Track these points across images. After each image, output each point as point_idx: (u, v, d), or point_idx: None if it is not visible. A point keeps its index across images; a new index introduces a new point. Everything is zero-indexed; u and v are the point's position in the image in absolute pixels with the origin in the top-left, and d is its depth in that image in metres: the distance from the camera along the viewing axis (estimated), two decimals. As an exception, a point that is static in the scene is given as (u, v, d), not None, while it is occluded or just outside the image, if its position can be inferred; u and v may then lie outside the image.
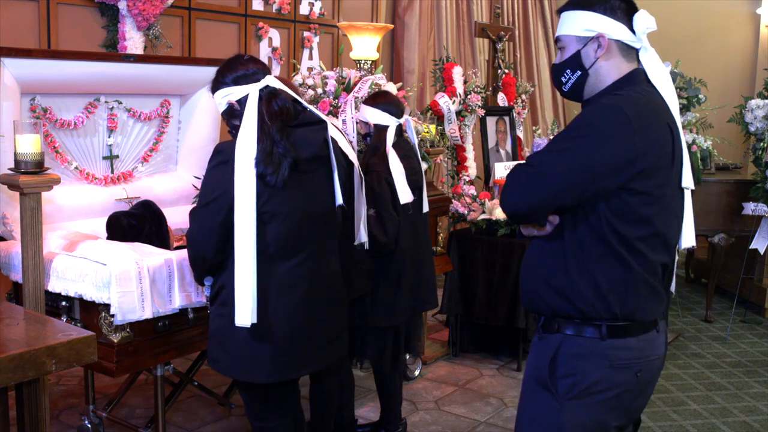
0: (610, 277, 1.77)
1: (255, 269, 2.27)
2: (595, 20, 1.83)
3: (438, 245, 4.35)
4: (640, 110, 1.74)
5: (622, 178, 1.71)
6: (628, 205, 1.73)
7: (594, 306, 1.78)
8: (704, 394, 4.11)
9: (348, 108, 3.47)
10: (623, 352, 1.80)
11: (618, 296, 1.77)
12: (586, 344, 1.81)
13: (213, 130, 3.65)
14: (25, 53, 2.86)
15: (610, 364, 1.79)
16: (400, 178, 3.12)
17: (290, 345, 2.39)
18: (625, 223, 1.74)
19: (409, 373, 4.12)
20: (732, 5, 7.96)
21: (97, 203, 3.27)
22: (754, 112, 5.10)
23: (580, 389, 1.80)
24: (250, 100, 2.32)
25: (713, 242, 5.42)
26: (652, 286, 1.81)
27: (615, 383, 1.80)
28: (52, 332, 1.95)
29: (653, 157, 1.73)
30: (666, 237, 1.81)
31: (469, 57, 7.12)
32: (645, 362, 1.83)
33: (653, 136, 1.74)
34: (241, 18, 5.26)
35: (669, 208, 1.81)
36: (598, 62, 1.84)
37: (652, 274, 1.80)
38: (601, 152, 1.71)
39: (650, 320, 1.84)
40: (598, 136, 1.73)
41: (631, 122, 1.71)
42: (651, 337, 1.85)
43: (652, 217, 1.76)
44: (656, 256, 1.80)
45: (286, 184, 2.30)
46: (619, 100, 1.76)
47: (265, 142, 2.28)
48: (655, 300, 1.83)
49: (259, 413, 2.55)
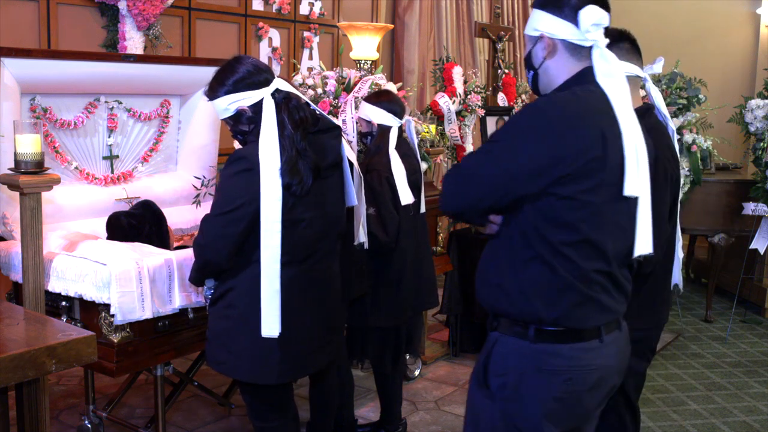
0: (538, 281, 1.72)
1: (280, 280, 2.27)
2: (541, 19, 1.78)
3: (438, 245, 4.35)
4: (567, 113, 1.68)
5: (543, 182, 1.66)
6: (554, 209, 1.68)
7: (521, 308, 1.74)
8: (704, 394, 4.11)
9: (348, 108, 3.47)
10: (552, 358, 1.74)
11: (543, 301, 1.72)
12: (516, 345, 1.77)
13: (213, 130, 3.65)
14: (25, 53, 2.86)
15: (537, 367, 1.74)
16: (402, 180, 3.12)
17: (295, 347, 2.40)
18: (551, 227, 1.69)
19: (409, 373, 4.12)
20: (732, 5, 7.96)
21: (97, 203, 3.27)
22: (754, 112, 5.10)
23: (511, 390, 1.76)
24: (266, 105, 2.29)
25: (713, 242, 5.41)
26: (585, 294, 1.72)
27: (542, 388, 1.74)
28: (52, 332, 1.95)
29: (577, 161, 1.65)
30: (598, 244, 1.71)
31: (469, 57, 7.12)
32: (577, 371, 1.74)
33: (578, 140, 1.66)
34: (241, 18, 5.26)
35: (601, 215, 1.70)
36: (546, 62, 1.80)
37: (584, 282, 1.71)
38: (523, 156, 1.67)
39: (586, 328, 1.75)
40: (521, 138, 1.69)
41: (553, 126, 1.66)
42: (590, 347, 1.75)
43: (578, 222, 1.68)
44: (587, 263, 1.71)
45: (308, 191, 2.31)
46: (546, 102, 1.72)
47: (290, 152, 2.26)
48: (591, 308, 1.73)
49: (261, 414, 2.55)
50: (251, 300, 2.31)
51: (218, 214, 2.29)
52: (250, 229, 2.28)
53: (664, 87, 5.18)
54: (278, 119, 2.29)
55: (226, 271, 2.37)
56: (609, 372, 1.81)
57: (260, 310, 2.30)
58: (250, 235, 2.29)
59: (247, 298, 2.33)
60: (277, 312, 2.29)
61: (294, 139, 2.28)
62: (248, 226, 2.27)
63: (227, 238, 2.28)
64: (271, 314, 2.28)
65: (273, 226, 2.24)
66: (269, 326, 2.29)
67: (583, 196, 1.67)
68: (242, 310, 2.34)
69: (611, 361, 1.81)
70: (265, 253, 2.26)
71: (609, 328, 1.79)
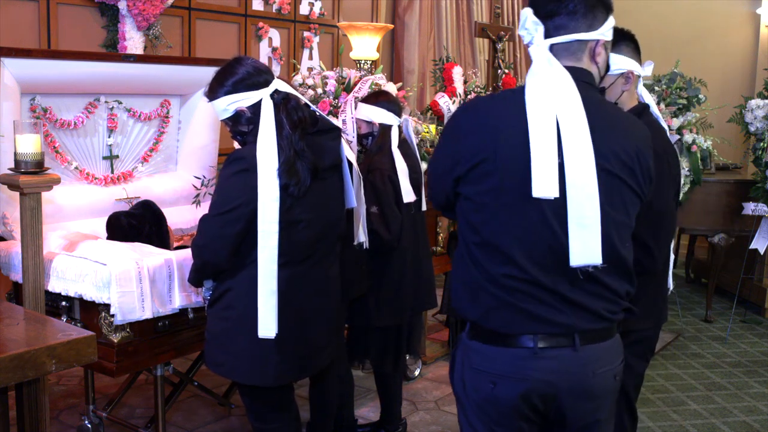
0: (462, 280, 1.77)
1: (277, 281, 2.27)
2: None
3: (438, 245, 4.35)
4: (470, 115, 1.73)
5: (450, 183, 1.75)
6: (462, 210, 1.75)
7: (456, 304, 1.80)
8: (704, 394, 4.11)
9: (348, 108, 3.47)
10: (477, 357, 1.74)
11: (467, 299, 1.75)
12: (461, 340, 1.82)
13: (213, 130, 3.65)
14: (25, 53, 2.86)
15: (470, 365, 1.76)
16: (404, 178, 3.13)
17: (294, 349, 2.39)
18: (464, 228, 1.75)
19: (409, 373, 4.12)
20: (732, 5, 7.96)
21: (97, 203, 3.27)
22: (754, 112, 5.10)
23: (459, 387, 1.80)
24: (265, 106, 2.29)
25: (713, 242, 5.41)
26: (500, 299, 1.67)
27: (476, 387, 1.74)
28: (52, 332, 1.95)
29: (469, 164, 1.68)
30: (500, 248, 1.66)
31: (469, 57, 7.13)
32: (502, 377, 1.69)
33: (472, 142, 1.68)
34: (241, 18, 5.26)
35: (499, 218, 1.66)
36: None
37: (495, 285, 1.67)
38: (439, 156, 1.81)
39: (512, 334, 1.68)
40: (441, 142, 1.82)
41: (459, 127, 1.74)
42: (519, 354, 1.68)
43: (479, 224, 1.69)
44: (494, 267, 1.67)
45: (306, 192, 2.31)
46: (464, 105, 1.81)
47: (288, 152, 2.26)
48: (512, 314, 1.67)
49: (260, 415, 2.55)
50: (249, 301, 2.30)
51: (216, 215, 2.29)
52: (248, 229, 2.27)
53: (664, 87, 5.18)
54: (277, 120, 2.28)
55: (224, 272, 2.37)
56: (550, 389, 1.70)
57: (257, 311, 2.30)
58: (248, 235, 2.29)
59: (245, 299, 2.32)
60: (274, 313, 2.28)
61: (292, 140, 2.28)
62: (246, 227, 2.27)
63: (225, 238, 2.27)
64: (268, 315, 2.28)
65: (270, 227, 2.24)
66: (266, 327, 2.28)
67: (479, 197, 1.69)
68: (240, 311, 2.34)
69: (552, 378, 1.69)
70: (263, 254, 2.26)
71: (549, 342, 1.68)
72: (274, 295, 2.28)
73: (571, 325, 1.68)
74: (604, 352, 1.75)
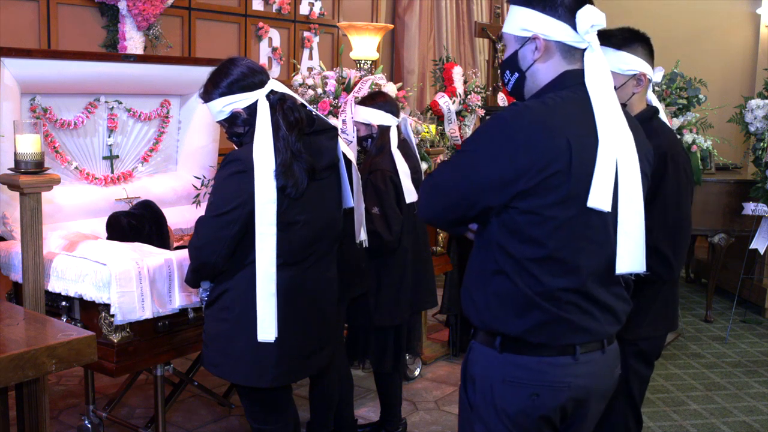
0: (502, 296, 1.65)
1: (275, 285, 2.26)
2: (532, 19, 1.66)
3: (438, 245, 4.35)
4: (531, 125, 1.57)
5: (505, 197, 1.59)
6: (517, 224, 1.60)
7: (489, 318, 1.68)
8: (704, 394, 4.11)
9: (348, 108, 3.47)
10: (516, 370, 1.66)
11: (507, 315, 1.65)
12: (485, 353, 1.71)
13: (213, 130, 3.65)
14: (25, 53, 2.86)
15: (503, 378, 1.67)
16: (406, 179, 3.13)
17: (292, 350, 2.39)
18: (515, 242, 1.61)
19: (409, 373, 4.12)
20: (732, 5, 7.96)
21: (97, 203, 3.27)
22: (754, 112, 5.10)
23: (481, 400, 1.71)
24: (261, 107, 2.28)
25: (713, 242, 5.41)
26: (552, 314, 1.62)
27: (508, 400, 1.67)
28: (52, 332, 1.95)
29: (538, 177, 1.55)
30: (566, 261, 1.61)
31: (469, 57, 7.13)
32: (545, 387, 1.65)
33: (541, 154, 1.55)
34: (241, 18, 5.26)
35: (568, 229, 1.60)
36: (536, 65, 1.69)
37: (551, 300, 1.62)
38: (484, 169, 1.60)
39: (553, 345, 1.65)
40: (484, 151, 1.61)
41: (515, 139, 1.56)
42: (559, 362, 1.65)
43: (543, 238, 1.59)
44: (553, 280, 1.61)
45: (303, 193, 2.30)
46: (513, 112, 1.61)
47: (285, 154, 2.24)
48: (561, 328, 1.63)
49: (259, 416, 2.55)
50: (246, 302, 2.30)
51: (212, 216, 2.27)
52: (245, 231, 2.27)
53: (664, 87, 5.18)
54: (273, 121, 2.27)
55: (221, 273, 2.36)
56: (582, 393, 1.69)
57: (256, 312, 2.29)
58: (245, 237, 2.28)
59: (243, 301, 2.32)
60: (274, 316, 2.28)
61: (289, 141, 2.27)
62: (242, 229, 2.26)
63: (222, 240, 2.26)
64: (267, 318, 2.27)
65: (268, 229, 2.23)
66: (265, 331, 2.28)
67: (546, 210, 1.58)
68: (238, 312, 2.33)
69: (587, 382, 1.69)
70: (260, 257, 2.25)
71: (587, 348, 1.68)
72: (273, 298, 2.27)
73: (604, 332, 1.71)
74: (617, 353, 1.79)
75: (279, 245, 2.27)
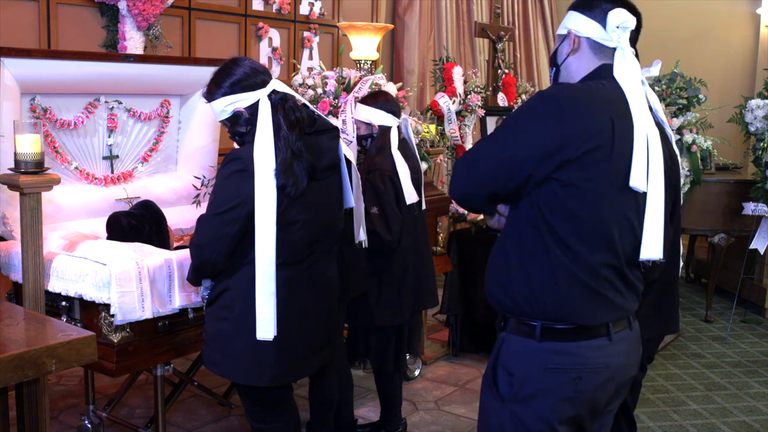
0: (544, 275, 1.69)
1: (275, 283, 2.27)
2: (571, 18, 1.82)
3: (438, 245, 4.35)
4: (577, 99, 1.67)
5: (548, 167, 1.64)
6: (557, 197, 1.66)
7: (529, 304, 1.72)
8: (704, 394, 4.11)
9: (348, 108, 3.47)
10: (558, 356, 1.71)
11: (551, 296, 1.69)
12: (522, 344, 1.75)
13: (213, 130, 3.65)
14: (25, 53, 2.86)
15: (544, 367, 1.71)
16: (406, 179, 3.13)
17: (292, 349, 2.39)
18: (556, 217, 1.67)
19: (409, 373, 4.12)
20: (732, 5, 7.96)
21: (97, 203, 3.27)
22: (754, 112, 5.10)
23: (517, 390, 1.74)
24: (262, 107, 2.29)
25: (713, 242, 5.41)
26: (592, 289, 1.69)
27: (550, 388, 1.71)
28: (52, 332, 1.95)
29: (583, 147, 1.63)
30: (605, 235, 1.68)
31: (469, 57, 7.13)
32: (586, 370, 1.71)
33: (586, 126, 1.64)
34: (241, 18, 5.26)
35: (605, 204, 1.67)
36: (568, 59, 1.83)
37: (592, 275, 1.68)
38: (527, 139, 1.66)
39: (594, 325, 1.72)
40: (527, 123, 1.69)
41: (561, 109, 1.64)
42: (597, 345, 1.72)
43: (581, 210, 1.65)
44: (594, 256, 1.68)
45: (303, 192, 2.30)
46: (557, 88, 1.72)
47: (285, 153, 2.25)
48: (599, 304, 1.71)
49: (259, 415, 2.55)
50: (247, 301, 2.30)
51: (213, 215, 2.28)
52: (245, 229, 2.27)
53: (664, 87, 5.18)
54: (274, 120, 2.28)
55: (222, 272, 2.37)
56: (619, 372, 1.78)
57: (255, 311, 2.29)
58: (245, 235, 2.28)
59: (242, 300, 2.32)
60: (273, 315, 2.28)
61: (289, 141, 2.27)
62: (243, 227, 2.27)
63: (222, 238, 2.27)
64: (267, 317, 2.28)
65: (267, 228, 2.24)
66: (264, 329, 2.28)
67: (586, 183, 1.64)
68: (238, 311, 2.33)
69: (620, 360, 1.77)
70: (260, 256, 2.25)
71: (618, 326, 1.76)
72: (272, 297, 2.28)
73: (631, 309, 1.80)
74: (639, 330, 1.87)
75: (278, 244, 2.27)
